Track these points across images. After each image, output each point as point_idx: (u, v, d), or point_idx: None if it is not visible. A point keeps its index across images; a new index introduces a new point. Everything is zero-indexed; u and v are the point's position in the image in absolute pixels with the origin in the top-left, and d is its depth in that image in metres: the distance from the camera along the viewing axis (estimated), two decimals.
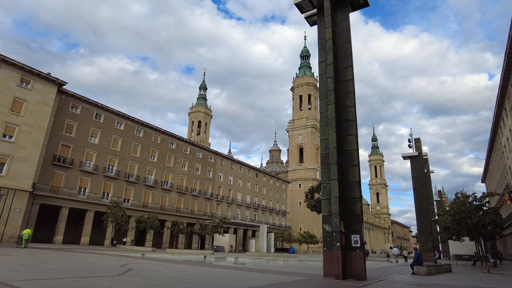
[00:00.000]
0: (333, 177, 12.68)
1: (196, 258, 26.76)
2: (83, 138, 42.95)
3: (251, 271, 13.62)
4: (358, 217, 12.31)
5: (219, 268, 14.20)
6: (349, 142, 13.34)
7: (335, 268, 11.58)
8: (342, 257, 11.59)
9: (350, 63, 14.37)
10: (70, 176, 40.79)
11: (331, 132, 13.27)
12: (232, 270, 13.45)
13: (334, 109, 13.50)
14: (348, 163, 13.12)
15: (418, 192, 38.65)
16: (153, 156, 52.13)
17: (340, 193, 12.45)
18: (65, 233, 41.91)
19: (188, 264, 16.12)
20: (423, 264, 17.02)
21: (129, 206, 46.97)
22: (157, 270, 11.77)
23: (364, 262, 11.83)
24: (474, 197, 22.86)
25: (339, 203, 12.23)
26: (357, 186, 12.66)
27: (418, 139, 41.09)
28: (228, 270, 13.41)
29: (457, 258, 32.83)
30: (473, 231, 21.12)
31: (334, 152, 12.90)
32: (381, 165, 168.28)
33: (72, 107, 42.27)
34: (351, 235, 12.20)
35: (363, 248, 11.93)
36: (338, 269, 11.46)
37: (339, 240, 11.77)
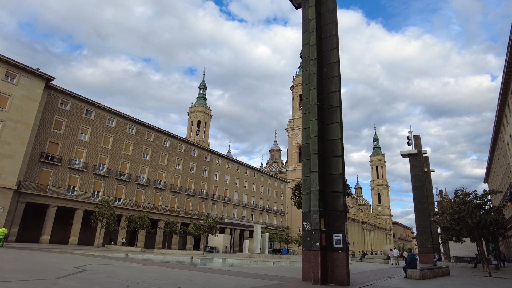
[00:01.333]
0: (313, 169, 11.34)
1: (180, 259, 25.45)
2: (72, 135, 41.81)
3: (225, 273, 12.30)
4: (341, 213, 10.95)
5: (191, 271, 12.89)
6: (332, 130, 12.00)
7: (313, 272, 10.24)
8: (321, 259, 10.25)
9: (335, 44, 13.04)
10: (58, 174, 39.64)
11: (312, 119, 11.93)
12: (203, 273, 12.14)
13: (316, 94, 12.17)
14: (331, 153, 11.77)
15: (417, 191, 37.15)
16: (146, 154, 50.92)
17: (321, 187, 11.11)
18: (53, 232, 40.80)
19: (162, 266, 14.83)
20: (418, 266, 15.65)
21: (120, 205, 45.78)
22: (113, 272, 10.48)
23: (347, 264, 10.46)
24: (475, 195, 21.44)
25: (320, 198, 10.88)
26: (340, 179, 11.31)
27: (418, 136, 39.61)
28: (199, 273, 12.09)
29: (457, 260, 31.31)
30: (473, 231, 19.68)
31: (315, 142, 11.56)
32: (383, 165, 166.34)
33: (61, 103, 41.16)
34: (333, 234, 10.85)
35: (346, 249, 10.57)
36: (317, 273, 10.11)
37: (319, 239, 10.43)
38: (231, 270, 14.31)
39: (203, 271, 12.96)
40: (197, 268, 14.43)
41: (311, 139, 11.76)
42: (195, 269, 13.85)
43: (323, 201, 11.08)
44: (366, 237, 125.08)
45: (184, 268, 13.52)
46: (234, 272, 13.15)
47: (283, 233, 69.81)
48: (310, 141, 11.78)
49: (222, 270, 14.05)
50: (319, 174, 11.19)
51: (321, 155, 11.58)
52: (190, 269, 13.38)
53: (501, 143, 44.43)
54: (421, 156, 38.47)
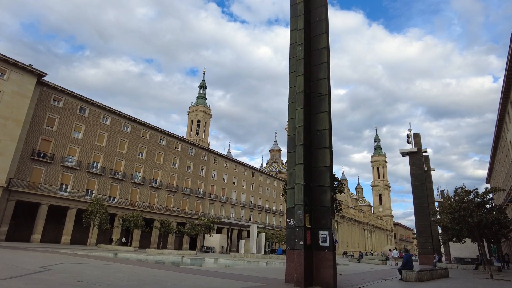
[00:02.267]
0: (298, 161, 10.46)
1: (170, 259, 24.63)
2: (65, 133, 41.06)
3: (204, 274, 11.43)
4: (328, 209, 10.07)
5: (169, 271, 12.03)
6: (320, 120, 11.12)
7: (296, 273, 9.36)
8: (305, 259, 9.36)
9: (325, 29, 12.16)
10: (50, 171, 38.90)
11: (298, 108, 11.06)
12: (180, 273, 11.28)
13: (303, 81, 11.29)
14: (318, 145, 10.89)
15: (417, 190, 36.17)
16: (141, 153, 50.14)
17: (307, 180, 10.23)
18: (45, 231, 40.05)
19: (140, 266, 13.98)
20: (418, 268, 14.74)
21: (114, 204, 45.01)
22: (79, 272, 9.64)
23: (334, 265, 9.57)
24: (476, 193, 20.49)
25: (304, 193, 10.00)
26: (327, 173, 10.43)
27: (418, 134, 38.63)
28: (175, 273, 11.23)
29: (458, 262, 30.29)
30: (474, 231, 18.73)
31: (301, 132, 10.68)
32: (384, 166, 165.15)
33: (54, 100, 40.42)
34: (319, 231, 9.96)
35: (333, 248, 9.69)
36: (300, 274, 9.23)
37: (303, 237, 9.55)
38: (214, 271, 13.44)
39: (182, 271, 12.10)
40: (178, 269, 13.57)
41: (296, 129, 10.89)
42: (175, 269, 12.99)
43: (309, 196, 10.20)
44: (366, 238, 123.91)
45: (163, 268, 12.67)
46: (215, 273, 12.28)
47: (281, 233, 68.79)
48: (295, 132, 10.90)
49: (204, 270, 13.20)
50: (305, 166, 10.31)
51: (307, 146, 10.70)
52: (169, 269, 12.53)
53: (504, 141, 43.40)
54: (421, 155, 37.50)
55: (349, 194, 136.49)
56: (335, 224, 16.58)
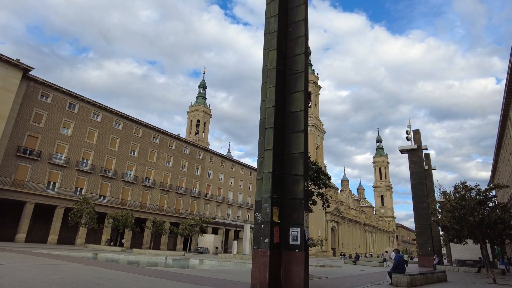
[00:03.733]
0: (267, 146, 9.05)
1: (153, 260, 23.25)
2: (53, 129, 39.86)
3: (166, 277, 10.01)
4: (300, 202, 8.64)
5: (124, 272, 10.62)
6: (295, 101, 9.70)
7: (260, 276, 7.93)
8: (271, 260, 7.93)
9: (303, 0, 10.74)
10: (37, 169, 37.68)
11: (270, 86, 9.65)
12: (134, 274, 9.87)
13: (276, 56, 9.88)
14: (291, 128, 9.47)
15: (416, 189, 34.59)
16: (134, 151, 48.87)
17: (276, 168, 8.81)
18: (33, 231, 38.99)
19: (96, 266, 12.60)
20: (416, 270, 13.24)
21: (104, 203, 43.75)
22: (9, 274, 8.26)
23: (306, 268, 8.13)
24: (478, 190, 18.95)
25: (273, 182, 8.58)
26: (301, 160, 9.00)
27: (417, 131, 37.06)
28: (128, 274, 9.83)
29: (459, 264, 28.68)
30: (475, 231, 17.19)
31: (272, 113, 9.27)
32: (386, 167, 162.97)
33: (41, 96, 39.24)
34: (289, 228, 8.52)
35: (305, 248, 8.25)
36: (264, 278, 7.80)
37: (268, 234, 8.12)
38: (180, 273, 12.03)
39: (140, 273, 10.69)
40: (138, 270, 12.15)
41: (267, 111, 9.48)
42: (135, 270, 11.58)
43: (279, 187, 8.77)
44: (368, 239, 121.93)
45: (121, 269, 11.28)
46: (179, 275, 10.87)
47: None
48: (266, 114, 9.49)
49: (171, 273, 11.78)
50: (274, 152, 8.89)
51: (279, 130, 9.29)
52: (127, 270, 11.13)
53: (508, 139, 41.70)
54: (420, 152, 35.92)
55: (351, 195, 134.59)
56: (309, 219, 15.68)
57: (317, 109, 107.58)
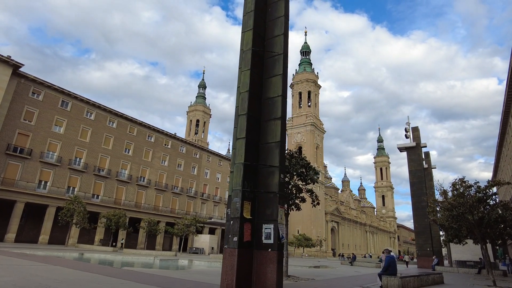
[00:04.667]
0: (239, 135, 8.20)
1: (141, 260, 22.43)
2: (45, 127, 39.12)
3: (128, 278, 9.16)
4: (274, 196, 7.77)
5: (91, 273, 9.78)
6: (273, 86, 8.84)
7: (227, 279, 7.06)
8: (240, 261, 7.07)
9: None
10: (28, 167, 36.94)
11: (244, 69, 8.79)
12: (99, 275, 9.02)
13: (252, 37, 9.02)
14: (268, 116, 8.61)
15: (415, 188, 33.61)
16: (128, 149, 48.09)
17: (249, 158, 7.95)
18: (24, 231, 38.34)
19: (64, 267, 11.76)
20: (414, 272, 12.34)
21: (98, 202, 43.00)
22: None
23: (279, 269, 7.25)
24: (478, 187, 18.00)
25: (245, 174, 7.72)
26: (277, 150, 8.13)
27: (416, 128, 36.07)
28: (93, 275, 8.98)
29: (459, 265, 27.70)
30: (474, 230, 16.26)
31: (246, 99, 8.41)
32: (387, 167, 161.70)
33: (33, 93, 38.52)
34: (262, 225, 7.66)
35: (279, 247, 7.38)
36: (231, 280, 6.94)
37: (237, 232, 7.26)
38: (153, 274, 11.17)
39: (104, 273, 9.83)
40: (105, 270, 11.28)
41: (240, 97, 8.62)
42: (101, 271, 10.72)
43: (252, 179, 7.91)
44: (369, 240, 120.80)
45: (85, 269, 10.42)
46: (147, 276, 10.01)
47: None
48: (239, 99, 8.63)
49: (141, 273, 10.93)
50: (247, 141, 8.03)
51: (254, 117, 8.43)
52: (91, 270, 10.27)
53: (509, 137, 40.68)
54: (419, 150, 34.93)
55: (351, 195, 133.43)
56: (284, 215, 14.82)
57: (316, 109, 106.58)
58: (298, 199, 15.07)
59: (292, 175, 14.06)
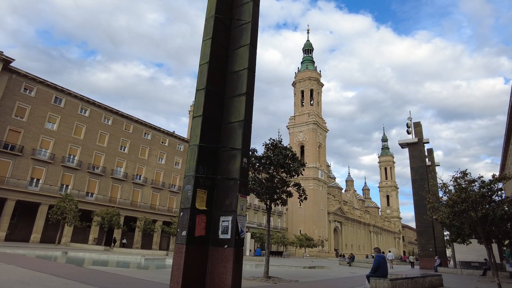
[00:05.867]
0: (196, 112, 7.04)
1: (129, 260, 21.41)
2: (38, 124, 38.36)
3: (83, 281, 8.06)
4: (235, 183, 6.60)
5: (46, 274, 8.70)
6: (239, 57, 7.68)
7: (173, 280, 5.91)
8: (188, 259, 5.92)
9: None
10: (19, 164, 36.18)
11: (205, 39, 7.64)
12: (53, 276, 7.94)
13: (216, 3, 7.85)
14: (232, 91, 7.45)
15: (417, 185, 32.21)
16: (124, 147, 47.20)
17: (206, 139, 6.80)
18: (17, 229, 37.59)
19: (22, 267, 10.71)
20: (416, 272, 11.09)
21: (92, 200, 42.17)
22: None
23: (237, 269, 6.09)
24: (482, 181, 16.64)
25: (200, 158, 6.57)
26: (240, 130, 6.97)
27: (418, 123, 34.64)
28: (45, 275, 7.90)
29: (463, 266, 26.25)
30: (477, 228, 14.92)
31: (205, 71, 7.26)
32: (392, 166, 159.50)
33: (25, 89, 37.79)
34: (220, 217, 6.49)
35: (237, 243, 6.21)
36: (177, 283, 5.78)
37: (186, 225, 6.10)
38: (116, 273, 10.06)
39: (59, 274, 8.75)
40: (65, 269, 10.19)
41: (199, 69, 7.46)
42: (58, 270, 9.64)
43: (210, 164, 6.76)
44: (373, 240, 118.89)
45: (41, 269, 9.35)
46: (108, 276, 8.91)
47: (277, 234, 64.98)
48: (198, 73, 7.48)
49: (102, 272, 9.83)
50: (205, 120, 6.88)
51: (214, 93, 7.28)
52: (46, 271, 9.20)
53: None
54: (422, 146, 33.50)
55: (355, 195, 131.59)
56: (246, 206, 14.01)
57: (319, 107, 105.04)
58: (285, 194, 13.88)
59: (276, 167, 12.89)
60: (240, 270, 6.16)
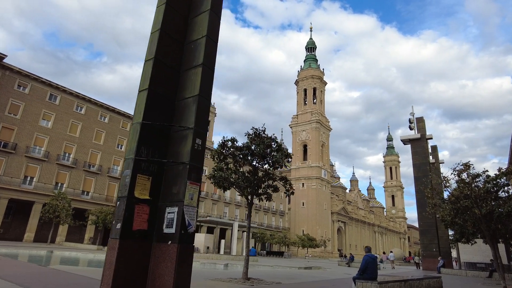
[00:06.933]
0: (141, 86, 6.04)
1: None
2: (32, 121, 37.77)
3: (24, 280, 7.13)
4: (184, 168, 5.58)
5: None
6: (197, 26, 6.66)
7: (102, 282, 4.90)
8: (120, 256, 4.92)
9: None
10: (12, 162, 35.60)
11: (159, 5, 6.63)
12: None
13: None
14: (188, 64, 6.43)
15: (420, 183, 30.82)
16: (121, 145, 46.51)
17: (155, 117, 5.79)
18: (10, 228, 37.03)
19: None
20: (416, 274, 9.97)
21: (88, 199, 41.49)
22: None
23: (180, 271, 5.07)
24: (486, 176, 15.45)
25: (142, 138, 5.57)
26: (193, 106, 5.94)
27: (421, 119, 33.29)
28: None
29: (468, 267, 24.92)
30: (480, 225, 13.72)
31: (155, 40, 6.26)
32: (397, 166, 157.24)
33: (19, 86, 37.24)
34: (166, 208, 5.48)
35: (181, 239, 5.19)
36: (107, 285, 4.78)
37: (121, 216, 5.10)
38: (75, 272, 9.12)
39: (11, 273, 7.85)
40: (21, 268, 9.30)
41: (150, 37, 6.46)
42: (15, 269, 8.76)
43: (158, 146, 5.75)
44: (377, 241, 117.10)
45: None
46: (59, 273, 7.98)
47: (279, 234, 63.85)
48: (149, 42, 6.48)
49: (60, 271, 8.90)
50: (153, 94, 5.88)
51: (166, 65, 6.27)
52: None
53: None
54: (424, 142, 32.15)
55: (359, 195, 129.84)
56: (198, 195, 13.67)
57: (322, 106, 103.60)
58: (271, 188, 12.84)
59: (259, 159, 11.86)
60: (186, 271, 5.13)
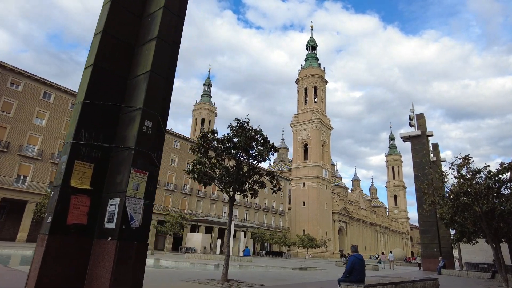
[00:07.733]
0: (87, 63, 5.32)
1: None
2: (25, 119, 37.23)
3: None
4: (129, 154, 4.85)
5: None
6: None
7: (27, 283, 4.18)
8: (49, 254, 4.19)
9: None
10: (4, 161, 35.06)
11: None
12: None
13: None
14: (143, 38, 5.70)
15: (420, 181, 29.90)
16: None
17: (100, 96, 5.07)
18: (4, 228, 36.62)
19: None
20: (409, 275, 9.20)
21: None
22: None
23: (121, 271, 4.33)
24: (488, 172, 14.66)
25: (83, 119, 4.86)
26: (144, 84, 5.21)
27: (421, 115, 32.41)
28: None
29: (470, 268, 24.03)
30: (481, 223, 12.91)
31: (105, 12, 5.54)
32: (399, 165, 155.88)
33: (11, 84, 36.72)
34: (108, 199, 4.75)
35: (125, 235, 4.46)
36: (30, 285, 4.04)
37: (53, 209, 4.38)
38: None
39: None
40: None
41: (101, 10, 5.74)
42: None
43: (103, 129, 5.02)
44: (379, 241, 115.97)
45: None
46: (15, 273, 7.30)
47: (278, 234, 63.04)
48: (99, 16, 5.75)
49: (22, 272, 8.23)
50: (98, 70, 5.16)
51: (117, 39, 5.55)
52: None
53: None
54: (425, 139, 31.27)
55: (361, 195, 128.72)
56: (144, 185, 13.28)
57: (323, 105, 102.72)
58: (257, 184, 12.10)
59: (242, 152, 11.14)
60: (128, 272, 4.40)
